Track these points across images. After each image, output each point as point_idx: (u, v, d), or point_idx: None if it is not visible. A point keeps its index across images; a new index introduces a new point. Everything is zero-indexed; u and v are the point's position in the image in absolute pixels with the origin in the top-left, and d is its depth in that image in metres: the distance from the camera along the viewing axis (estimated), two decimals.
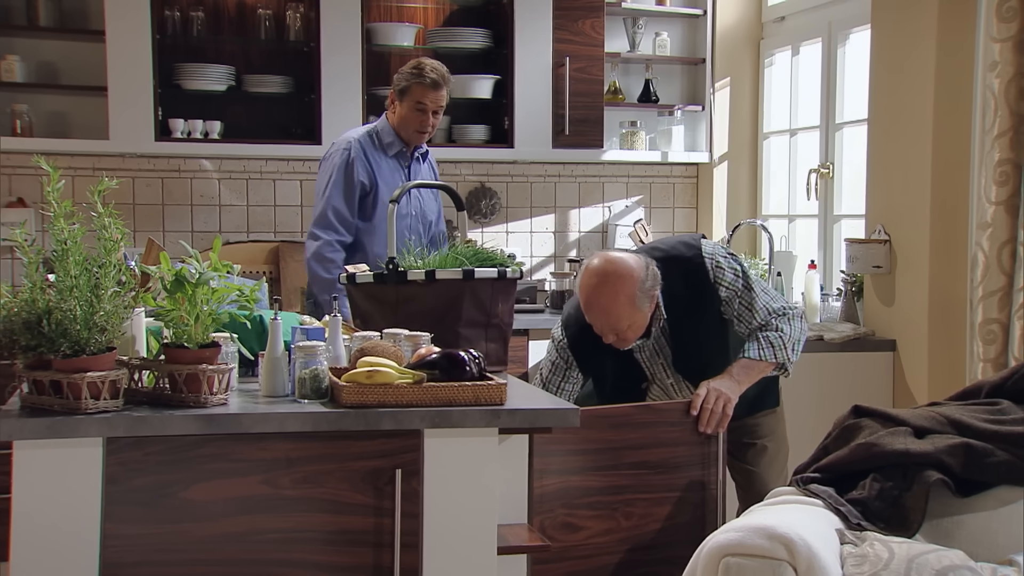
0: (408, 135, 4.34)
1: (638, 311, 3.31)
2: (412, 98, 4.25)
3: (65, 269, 2.60)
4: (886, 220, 4.30)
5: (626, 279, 3.29)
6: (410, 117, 4.28)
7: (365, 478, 2.71)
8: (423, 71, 4.24)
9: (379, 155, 4.33)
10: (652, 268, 3.34)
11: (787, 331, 3.33)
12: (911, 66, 4.16)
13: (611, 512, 3.22)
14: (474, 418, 2.72)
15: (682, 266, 3.42)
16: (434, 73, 4.24)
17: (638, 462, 3.24)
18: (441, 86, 4.26)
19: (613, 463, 3.21)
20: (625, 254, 3.39)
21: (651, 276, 3.34)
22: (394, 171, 4.35)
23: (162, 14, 5.12)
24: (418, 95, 4.24)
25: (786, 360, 3.33)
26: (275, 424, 2.64)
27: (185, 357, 2.68)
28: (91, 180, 4.96)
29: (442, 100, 4.29)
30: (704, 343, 3.45)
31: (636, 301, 3.28)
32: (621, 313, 3.29)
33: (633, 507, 3.25)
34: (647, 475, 3.26)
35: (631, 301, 3.28)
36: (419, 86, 4.23)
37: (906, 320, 4.20)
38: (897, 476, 2.70)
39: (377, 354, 2.89)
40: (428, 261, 3.44)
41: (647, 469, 3.26)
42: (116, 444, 2.57)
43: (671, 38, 5.78)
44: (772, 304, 3.38)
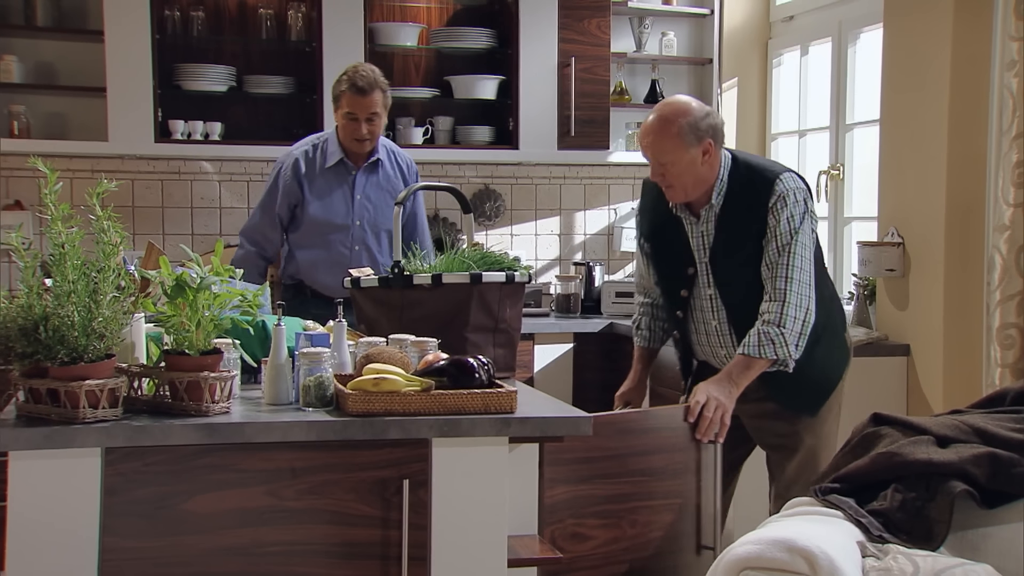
0: (350, 144, 4.25)
1: (683, 149, 3.25)
2: (343, 107, 4.16)
3: (63, 274, 2.55)
4: (899, 223, 4.22)
5: (678, 111, 3.28)
6: (344, 127, 4.20)
7: (372, 489, 2.64)
8: (351, 77, 4.13)
9: (315, 168, 4.27)
10: (712, 119, 3.31)
11: (789, 327, 3.22)
12: (925, 65, 4.08)
13: (617, 521, 3.15)
14: (484, 427, 2.66)
15: (756, 176, 3.31)
16: (362, 80, 4.11)
17: (643, 468, 3.18)
18: (369, 92, 4.12)
19: (619, 470, 3.14)
20: (691, 98, 3.40)
21: (707, 120, 3.28)
22: (332, 183, 4.28)
23: (162, 14, 5.06)
24: (347, 104, 4.14)
25: (787, 357, 3.24)
26: (279, 433, 2.58)
27: (186, 364, 2.62)
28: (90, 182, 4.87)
29: (374, 106, 4.15)
30: (743, 267, 3.32)
31: (683, 135, 3.24)
32: (665, 144, 3.26)
33: (637, 515, 3.19)
34: (650, 482, 3.20)
35: (678, 133, 3.24)
36: (347, 94, 4.13)
37: (921, 325, 4.12)
38: (920, 487, 2.62)
39: (383, 361, 2.81)
40: (435, 265, 3.36)
41: (649, 476, 3.20)
42: (115, 454, 2.51)
43: (678, 38, 5.72)
44: (794, 283, 3.23)
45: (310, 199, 4.27)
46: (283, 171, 4.29)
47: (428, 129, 5.39)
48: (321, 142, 4.32)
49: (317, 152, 4.30)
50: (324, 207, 4.27)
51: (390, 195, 4.31)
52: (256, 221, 4.37)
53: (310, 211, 4.26)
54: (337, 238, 4.29)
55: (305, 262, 4.32)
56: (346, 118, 4.17)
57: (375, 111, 4.16)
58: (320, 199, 4.27)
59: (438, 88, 5.42)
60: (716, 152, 3.30)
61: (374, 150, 4.30)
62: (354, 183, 4.30)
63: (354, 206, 4.30)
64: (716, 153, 3.30)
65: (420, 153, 5.37)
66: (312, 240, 4.30)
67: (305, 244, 4.32)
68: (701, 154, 3.27)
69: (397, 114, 5.41)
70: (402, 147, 5.21)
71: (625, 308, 5.30)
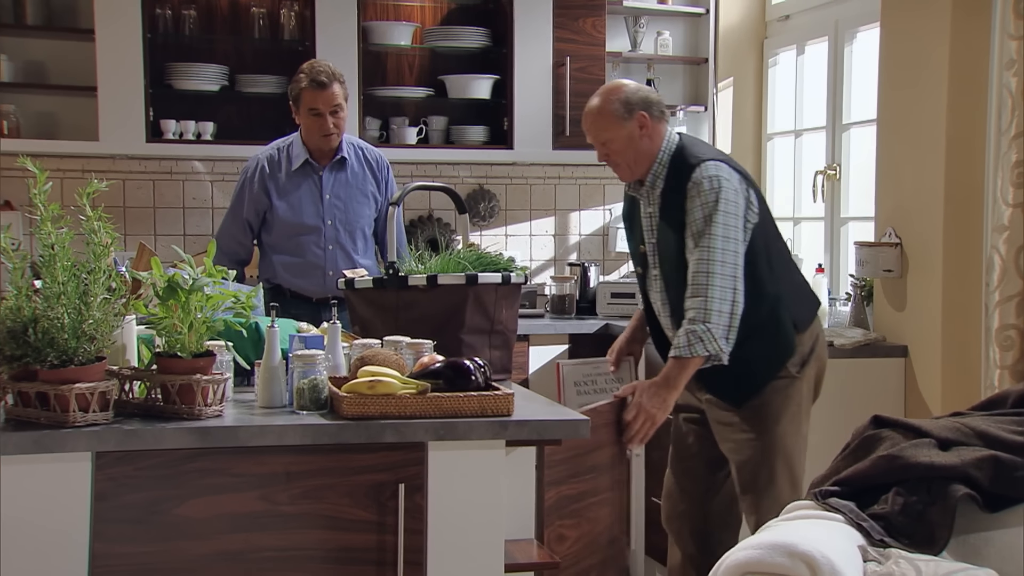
0: (315, 143, 4.23)
1: (619, 125, 3.37)
2: (304, 105, 4.14)
3: (52, 275, 2.51)
4: (897, 223, 4.19)
5: (611, 90, 3.43)
6: (309, 124, 4.18)
7: (367, 493, 2.62)
8: (308, 74, 4.12)
9: (279, 172, 4.25)
10: (645, 92, 3.43)
11: (715, 322, 3.21)
12: (923, 64, 4.05)
13: (579, 519, 3.19)
14: (480, 430, 2.64)
15: (684, 160, 3.36)
16: (321, 75, 4.10)
17: (592, 464, 3.24)
18: (328, 85, 4.11)
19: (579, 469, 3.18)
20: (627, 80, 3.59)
21: (638, 94, 3.40)
22: (299, 185, 4.26)
23: (153, 12, 5.00)
24: (309, 100, 4.13)
25: (719, 351, 3.23)
26: (273, 437, 2.55)
27: (178, 367, 2.59)
28: (80, 182, 4.84)
29: (336, 99, 4.13)
30: (679, 251, 3.35)
31: (616, 111, 3.36)
32: (601, 123, 3.39)
33: (591, 511, 3.25)
34: (597, 477, 3.27)
35: (612, 111, 3.37)
36: (307, 91, 4.11)
37: (918, 325, 4.09)
38: (922, 490, 2.59)
39: (378, 363, 2.78)
40: (430, 266, 3.33)
41: (597, 471, 3.26)
42: (106, 459, 2.48)
43: (673, 37, 5.68)
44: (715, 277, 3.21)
45: (278, 202, 4.24)
46: (248, 176, 4.27)
47: (422, 129, 5.35)
48: (285, 145, 4.31)
49: (282, 155, 4.28)
50: (293, 209, 4.25)
51: (360, 192, 4.30)
52: (227, 227, 4.34)
53: (279, 214, 4.24)
54: (310, 239, 4.26)
55: (280, 265, 4.29)
56: (310, 115, 4.15)
57: (337, 103, 4.15)
58: (288, 202, 4.25)
59: (432, 88, 5.38)
60: (654, 125, 3.39)
61: (339, 148, 4.27)
62: (321, 182, 4.27)
63: (324, 205, 4.26)
64: (654, 126, 3.39)
65: (414, 153, 5.35)
66: (285, 243, 4.27)
67: (278, 247, 4.29)
68: (638, 128, 3.37)
69: (391, 113, 5.38)
70: (396, 147, 5.24)
71: (620, 309, 5.26)
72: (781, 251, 3.49)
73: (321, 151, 4.27)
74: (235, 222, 4.31)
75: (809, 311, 3.52)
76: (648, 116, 3.38)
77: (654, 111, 3.40)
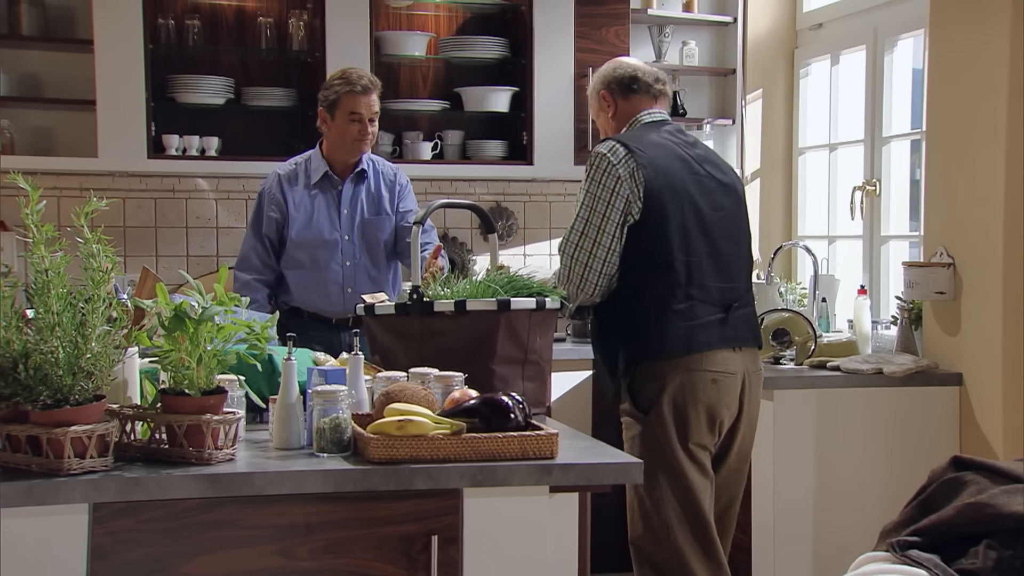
0: (347, 151, 4.09)
1: (594, 104, 3.48)
2: (344, 109, 4.02)
3: (46, 304, 2.27)
4: (948, 241, 3.93)
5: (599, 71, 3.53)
6: (346, 130, 4.04)
7: (396, 546, 2.37)
8: (350, 78, 4.02)
9: (297, 186, 4.12)
10: (614, 70, 3.42)
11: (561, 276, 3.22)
12: (978, 72, 3.80)
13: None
14: (522, 475, 2.38)
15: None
16: (363, 79, 4.03)
17: None
18: (372, 91, 4.03)
19: None
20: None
21: (603, 79, 3.44)
22: (317, 198, 4.12)
23: (155, 22, 4.79)
24: (350, 104, 4.01)
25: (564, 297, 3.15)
26: (291, 484, 2.30)
27: (186, 406, 2.33)
28: (78, 201, 4.59)
29: (375, 106, 4.05)
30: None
31: (591, 94, 3.51)
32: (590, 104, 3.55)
33: None
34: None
35: (589, 93, 3.53)
36: (348, 95, 4.00)
37: (974, 351, 3.83)
38: (1018, 543, 2.31)
39: (406, 399, 2.52)
40: (457, 290, 3.07)
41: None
42: (105, 511, 2.23)
43: (699, 47, 5.45)
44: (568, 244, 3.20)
45: (294, 215, 4.10)
46: (266, 191, 4.15)
47: (437, 144, 5.12)
48: (303, 160, 4.18)
49: (299, 169, 4.16)
50: (310, 223, 4.11)
51: (379, 208, 4.16)
52: (249, 246, 4.18)
53: (296, 228, 4.10)
54: (327, 255, 4.11)
55: (297, 284, 4.13)
56: (349, 120, 4.02)
57: (376, 110, 4.06)
58: (305, 215, 4.11)
59: (447, 100, 5.15)
60: (614, 100, 3.40)
61: (359, 161, 4.15)
62: (340, 196, 4.13)
63: (341, 220, 4.11)
64: (615, 101, 3.40)
65: (429, 169, 5.12)
66: (301, 260, 4.12)
67: (294, 265, 4.13)
68: (605, 104, 3.42)
69: (404, 128, 5.15)
70: (410, 163, 5.01)
71: None
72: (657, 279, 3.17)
73: (344, 164, 4.13)
74: (257, 241, 4.16)
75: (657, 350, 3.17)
76: (609, 93, 3.40)
77: (614, 87, 3.40)
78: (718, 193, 3.26)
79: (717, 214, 3.24)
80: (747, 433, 3.30)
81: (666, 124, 3.35)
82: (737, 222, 3.31)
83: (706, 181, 3.25)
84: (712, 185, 3.26)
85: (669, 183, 3.16)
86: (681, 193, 3.17)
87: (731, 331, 3.21)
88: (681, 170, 3.20)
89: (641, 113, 3.34)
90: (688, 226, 3.17)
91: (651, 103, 3.37)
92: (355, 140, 4.05)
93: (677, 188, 3.17)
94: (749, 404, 3.26)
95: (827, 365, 4.04)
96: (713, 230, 3.21)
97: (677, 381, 3.14)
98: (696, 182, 3.22)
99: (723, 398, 3.18)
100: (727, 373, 3.18)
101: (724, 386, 3.18)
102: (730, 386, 3.19)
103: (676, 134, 3.33)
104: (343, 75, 4.05)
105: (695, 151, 3.30)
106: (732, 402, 3.21)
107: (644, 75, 3.38)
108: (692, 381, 3.14)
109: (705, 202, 3.22)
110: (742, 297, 3.27)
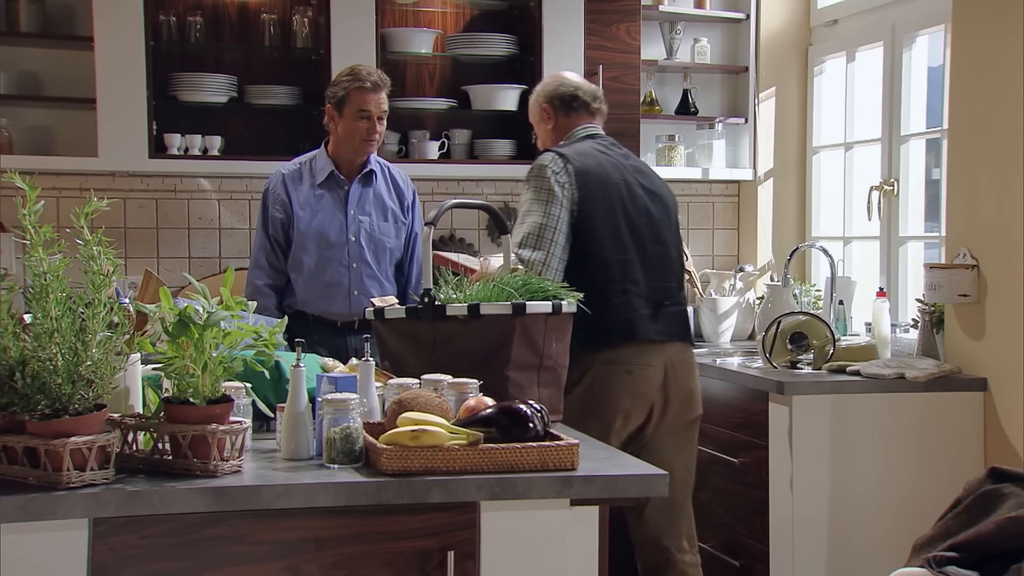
0: (354, 149, 3.99)
1: (535, 112, 3.71)
2: (353, 105, 3.92)
3: (44, 309, 2.17)
4: (972, 242, 3.83)
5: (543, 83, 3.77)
6: (354, 127, 3.94)
7: (410, 562, 2.27)
8: (359, 74, 3.93)
9: (302, 185, 4.02)
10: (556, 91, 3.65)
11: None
12: (1002, 68, 3.70)
13: None
14: (542, 487, 2.29)
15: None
16: (372, 76, 3.94)
17: None
18: (381, 88, 3.94)
19: None
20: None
21: (547, 93, 3.68)
22: (323, 198, 4.02)
23: (157, 19, 4.68)
24: (359, 102, 3.91)
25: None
26: (301, 498, 2.20)
27: (190, 415, 2.24)
28: (77, 201, 4.48)
29: (384, 104, 3.96)
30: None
31: (533, 101, 3.73)
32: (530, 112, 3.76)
33: None
34: None
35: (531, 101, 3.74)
36: (357, 92, 3.91)
37: (1000, 356, 3.73)
38: None
39: (419, 407, 2.42)
40: (470, 293, 2.96)
41: None
42: (105, 526, 2.13)
43: (711, 44, 5.34)
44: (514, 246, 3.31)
45: (300, 215, 3.99)
46: (270, 191, 4.05)
47: (444, 143, 5.01)
48: (308, 160, 4.08)
49: (304, 169, 4.06)
50: (316, 224, 3.99)
51: (386, 209, 4.06)
52: (259, 246, 4.06)
53: (301, 229, 3.99)
54: (333, 256, 3.99)
55: (302, 286, 4.01)
56: (357, 117, 3.92)
57: (385, 108, 3.97)
58: (311, 216, 4.00)
59: (455, 99, 5.04)
60: (555, 115, 3.64)
61: (367, 161, 4.05)
62: (347, 197, 4.02)
63: (348, 221, 4.01)
64: (555, 116, 3.64)
65: (435, 169, 5.01)
66: (306, 261, 4.00)
67: (299, 266, 4.01)
68: (546, 116, 3.66)
69: (410, 127, 5.04)
70: (416, 162, 4.92)
71: None
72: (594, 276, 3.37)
73: (351, 164, 4.03)
74: (267, 241, 4.04)
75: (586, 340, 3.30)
76: (550, 107, 3.64)
77: (556, 102, 3.63)
78: (647, 200, 3.53)
79: (646, 219, 3.50)
80: (683, 411, 3.51)
81: (600, 137, 3.64)
82: (666, 227, 3.56)
83: (636, 188, 3.51)
84: (641, 192, 3.52)
85: (602, 189, 3.43)
86: (613, 198, 3.45)
87: (662, 325, 3.45)
88: (613, 178, 3.47)
89: (578, 128, 3.62)
90: (619, 228, 3.43)
91: (589, 119, 3.66)
92: (363, 139, 3.95)
93: (610, 193, 3.44)
94: (676, 386, 3.48)
95: (846, 370, 3.93)
96: (642, 232, 3.48)
97: (595, 371, 3.37)
98: (627, 188, 3.49)
99: (639, 388, 3.40)
100: (645, 365, 3.41)
101: (640, 377, 3.40)
102: (648, 377, 3.42)
103: (610, 147, 3.60)
104: (352, 71, 3.95)
105: (627, 162, 3.59)
106: (650, 392, 3.43)
107: (584, 94, 3.66)
108: (609, 372, 3.38)
109: (634, 207, 3.48)
110: (674, 296, 3.54)
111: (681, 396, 3.49)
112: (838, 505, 3.78)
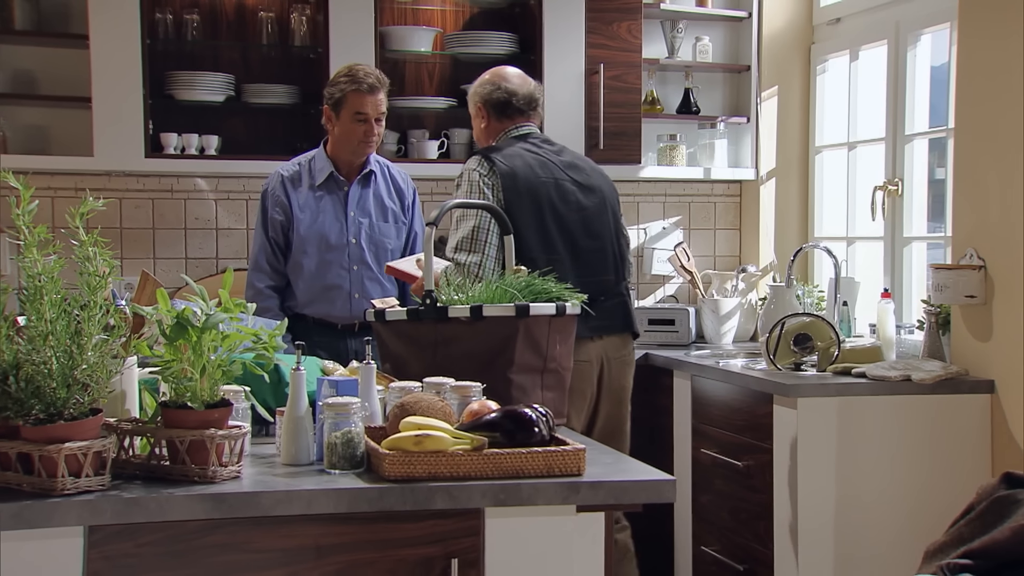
0: (352, 151, 3.96)
1: (472, 108, 3.81)
2: (350, 108, 3.89)
3: (38, 311, 2.12)
4: (979, 243, 3.78)
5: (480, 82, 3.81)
6: (351, 129, 3.91)
7: (413, 570, 2.23)
8: (356, 76, 3.89)
9: (301, 187, 3.98)
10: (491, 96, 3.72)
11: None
12: (1009, 67, 3.65)
13: None
14: (548, 493, 2.24)
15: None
16: (370, 77, 3.90)
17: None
18: (378, 90, 3.90)
19: None
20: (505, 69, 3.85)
21: (482, 96, 3.75)
22: (323, 200, 3.98)
23: (153, 17, 4.63)
24: (356, 104, 3.88)
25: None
26: (302, 504, 2.15)
27: (188, 420, 2.19)
28: (73, 201, 4.46)
29: (382, 106, 3.92)
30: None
31: (470, 97, 3.82)
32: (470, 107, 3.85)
33: None
34: None
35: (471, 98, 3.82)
36: (354, 94, 3.87)
37: (1007, 357, 3.68)
38: None
39: (421, 411, 2.37)
40: (473, 295, 2.92)
41: None
42: (101, 533, 2.09)
43: (713, 43, 5.29)
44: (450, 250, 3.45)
45: (300, 218, 3.95)
46: (269, 192, 4.00)
47: (443, 142, 4.97)
48: (307, 160, 4.04)
49: (303, 170, 4.01)
50: (315, 225, 3.96)
51: (386, 210, 4.03)
52: (258, 247, 4.02)
53: (301, 231, 3.95)
54: (333, 259, 3.96)
55: (302, 288, 3.97)
56: (354, 120, 3.89)
57: (383, 110, 3.93)
58: (311, 217, 3.96)
59: (454, 98, 4.98)
60: (488, 117, 3.74)
61: (366, 162, 4.01)
62: (347, 198, 3.98)
63: (348, 223, 3.97)
64: (488, 118, 3.74)
65: (435, 168, 4.96)
66: (306, 263, 3.96)
67: (299, 268, 3.97)
68: (481, 115, 3.75)
69: (409, 126, 5.00)
70: (415, 162, 4.87)
71: (660, 337, 4.87)
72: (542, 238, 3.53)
73: (350, 164, 3.99)
74: (266, 243, 4.00)
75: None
76: (483, 108, 3.74)
77: (489, 104, 3.72)
78: (578, 194, 3.64)
79: (578, 214, 3.61)
80: (613, 410, 3.69)
81: (533, 135, 3.73)
82: (601, 220, 3.68)
83: (566, 184, 3.62)
84: (572, 188, 3.63)
85: (528, 189, 3.53)
86: (541, 197, 3.54)
87: (595, 321, 3.49)
88: (540, 176, 3.57)
89: (511, 128, 3.72)
90: (547, 227, 3.54)
91: (523, 120, 3.75)
92: (360, 141, 3.92)
93: (537, 194, 3.54)
94: (610, 383, 3.66)
95: (852, 372, 3.88)
96: (574, 229, 3.59)
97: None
98: (555, 185, 3.59)
99: (574, 384, 3.41)
100: (581, 361, 3.49)
101: (575, 373, 3.38)
102: (584, 372, 3.55)
103: (541, 144, 3.70)
104: (349, 72, 3.91)
105: (560, 158, 3.69)
106: (586, 387, 3.59)
107: (519, 101, 3.73)
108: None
109: (564, 204, 3.59)
110: (610, 289, 3.66)
111: (613, 393, 3.66)
112: (844, 509, 3.73)
